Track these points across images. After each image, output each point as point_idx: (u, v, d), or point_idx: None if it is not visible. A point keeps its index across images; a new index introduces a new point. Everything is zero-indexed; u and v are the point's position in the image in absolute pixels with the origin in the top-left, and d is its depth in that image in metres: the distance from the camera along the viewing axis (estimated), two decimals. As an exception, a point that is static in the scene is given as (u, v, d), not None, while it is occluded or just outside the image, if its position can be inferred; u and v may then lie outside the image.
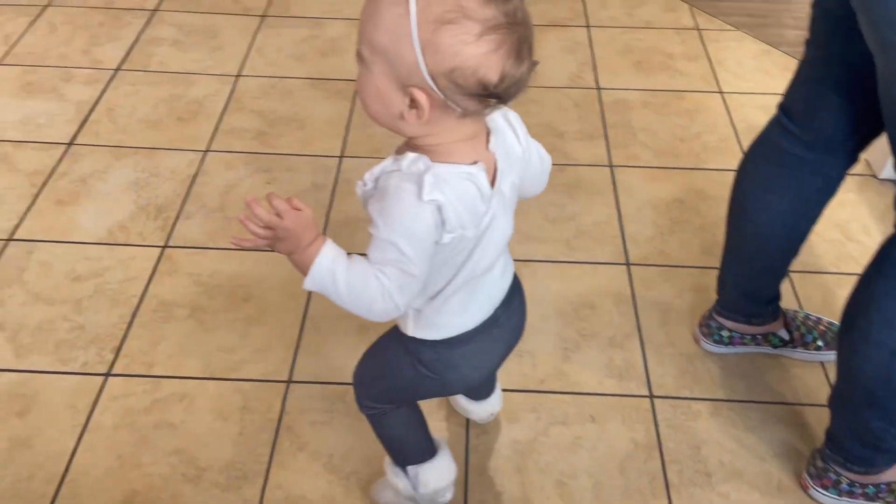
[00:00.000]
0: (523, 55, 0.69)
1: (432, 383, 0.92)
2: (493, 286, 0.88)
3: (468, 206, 0.75)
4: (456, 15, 0.66)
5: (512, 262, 0.92)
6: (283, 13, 2.17)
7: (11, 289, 1.40)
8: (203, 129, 1.77)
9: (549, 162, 0.88)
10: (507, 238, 0.85)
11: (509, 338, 0.96)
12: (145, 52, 2.00)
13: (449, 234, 0.74)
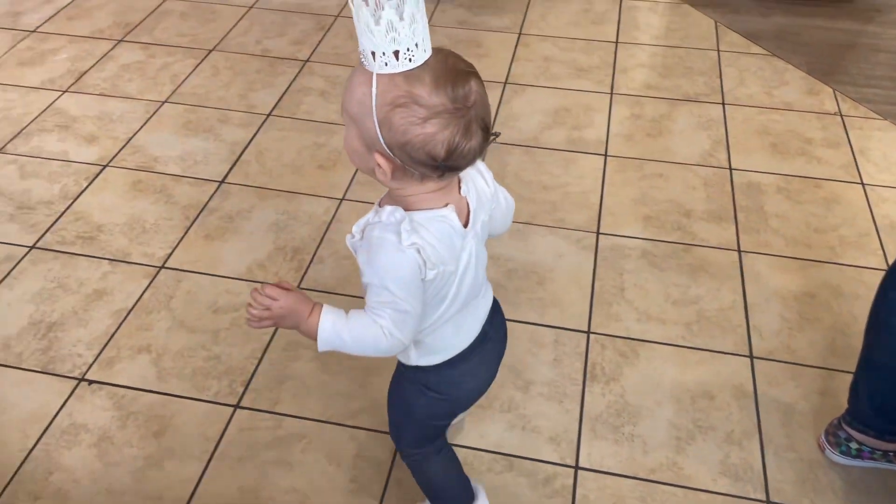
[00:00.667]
0: (472, 133, 0.79)
1: (443, 404, 1.03)
2: (479, 307, 0.99)
3: (446, 243, 0.85)
4: (406, 100, 0.76)
5: (489, 282, 1.02)
6: (422, 71, 2.28)
7: (160, 314, 1.53)
8: (341, 178, 1.88)
9: (512, 203, 0.99)
10: (485, 267, 0.96)
11: (500, 348, 1.07)
12: (295, 100, 2.15)
13: (431, 271, 0.84)
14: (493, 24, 2.52)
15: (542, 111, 2.12)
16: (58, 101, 2.12)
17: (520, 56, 2.36)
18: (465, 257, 0.89)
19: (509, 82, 2.24)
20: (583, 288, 1.59)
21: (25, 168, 1.89)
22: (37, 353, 1.44)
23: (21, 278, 1.59)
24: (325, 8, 2.58)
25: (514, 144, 1.99)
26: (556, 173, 1.90)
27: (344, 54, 2.34)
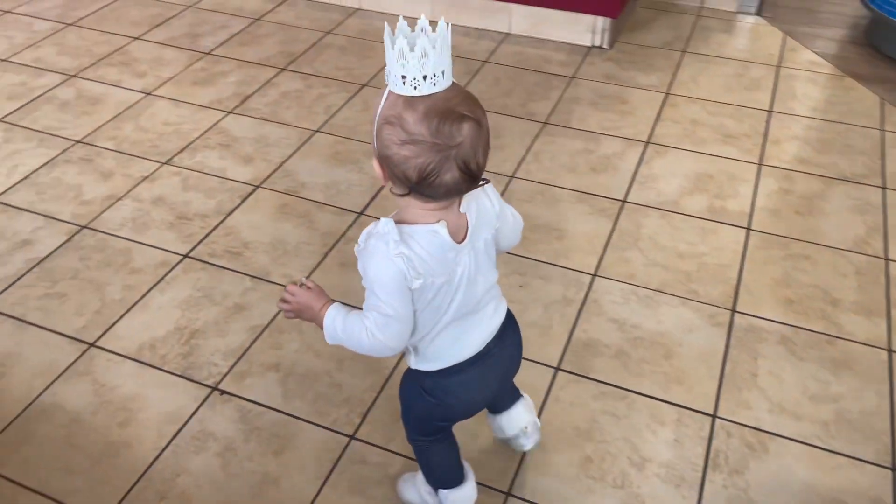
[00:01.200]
0: (446, 169, 0.86)
1: (437, 407, 1.10)
2: (484, 324, 1.05)
3: (437, 256, 0.93)
4: (395, 120, 0.86)
5: (504, 302, 1.09)
6: (564, 123, 2.29)
7: (291, 335, 1.60)
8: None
9: (520, 221, 1.07)
10: (489, 284, 1.03)
11: (504, 367, 1.13)
12: (436, 141, 2.21)
13: (417, 280, 0.92)
14: (640, 80, 2.49)
15: (684, 175, 2.07)
16: (222, 120, 2.29)
17: (665, 116, 2.32)
18: (459, 271, 0.96)
19: (652, 142, 2.20)
20: (712, 368, 1.53)
21: (188, 181, 2.05)
22: (178, 358, 1.55)
23: (173, 284, 1.72)
24: (474, 53, 2.65)
25: (652, 207, 1.95)
26: (693, 242, 1.84)
27: (488, 100, 2.39)
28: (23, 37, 2.74)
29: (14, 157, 2.13)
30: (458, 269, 0.95)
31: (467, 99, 0.88)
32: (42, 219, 1.91)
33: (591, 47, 2.69)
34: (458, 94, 0.87)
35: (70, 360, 1.54)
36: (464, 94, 0.88)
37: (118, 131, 2.24)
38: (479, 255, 0.98)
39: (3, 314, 1.64)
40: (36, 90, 2.43)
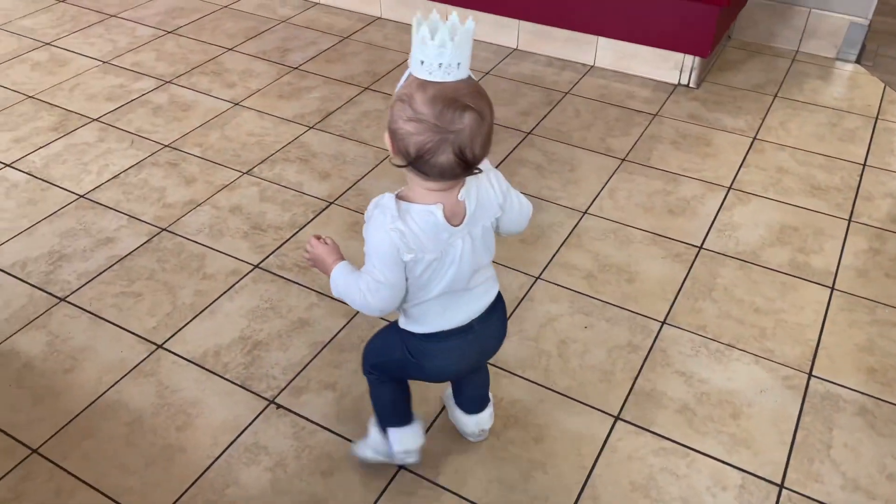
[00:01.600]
0: (442, 151, 0.93)
1: (413, 366, 1.19)
2: (472, 301, 1.13)
3: (429, 234, 1.01)
4: (406, 99, 0.94)
5: (496, 285, 1.17)
6: (643, 161, 2.24)
7: (351, 354, 1.61)
8: (541, 256, 1.88)
9: (528, 208, 1.14)
10: (481, 265, 1.10)
11: (482, 345, 1.21)
12: (510, 169, 2.19)
13: (408, 255, 1.01)
14: (726, 123, 2.42)
15: (766, 226, 1.98)
16: (303, 135, 2.34)
17: (750, 162, 2.23)
18: (453, 252, 1.04)
19: (734, 188, 2.12)
20: (783, 433, 1.45)
21: (265, 192, 2.09)
22: (239, 367, 1.57)
23: (242, 293, 1.76)
24: (556, 84, 2.63)
25: (730, 256, 1.88)
26: (771, 297, 1.76)
27: (566, 132, 2.36)
28: (125, 41, 2.88)
29: (106, 157, 2.23)
30: (450, 250, 1.04)
31: (475, 93, 0.95)
32: (126, 218, 1.98)
33: (676, 85, 2.63)
34: (469, 87, 0.94)
35: (138, 360, 1.58)
36: (474, 88, 0.95)
37: (204, 138, 2.32)
38: (476, 241, 1.06)
39: (82, 308, 1.71)
40: (133, 93, 2.55)
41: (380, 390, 1.30)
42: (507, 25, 2.84)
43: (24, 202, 2.04)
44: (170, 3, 3.18)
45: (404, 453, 1.31)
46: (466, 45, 0.92)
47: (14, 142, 2.28)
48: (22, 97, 2.51)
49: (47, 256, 1.85)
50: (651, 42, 2.59)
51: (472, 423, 1.38)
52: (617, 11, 2.57)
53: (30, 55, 2.77)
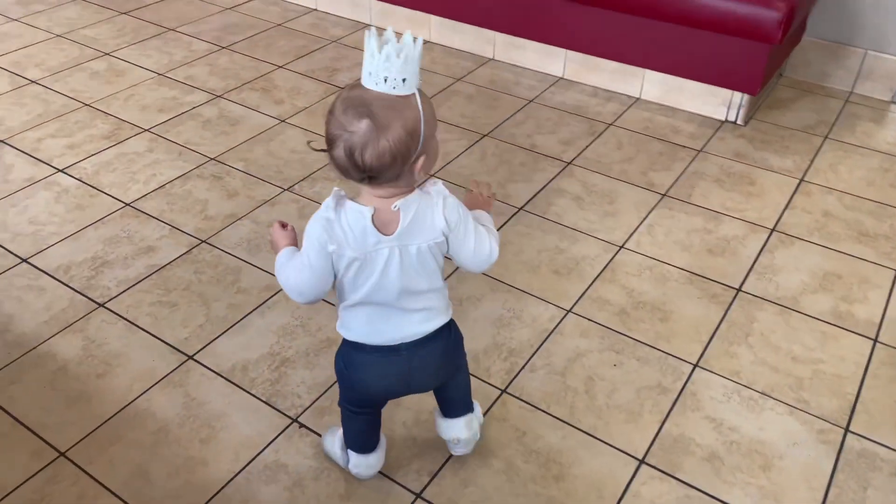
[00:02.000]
0: (335, 146, 1.02)
1: (345, 378, 1.24)
2: (405, 325, 1.16)
3: (355, 233, 1.07)
4: (334, 103, 1.03)
5: (443, 318, 1.20)
6: (684, 197, 2.20)
7: (375, 379, 1.61)
8: (573, 288, 1.86)
9: (486, 255, 1.17)
10: (417, 290, 1.13)
11: (412, 374, 1.21)
12: (547, 199, 2.18)
13: (331, 245, 1.08)
14: (773, 163, 2.37)
15: (809, 271, 1.93)
16: (345, 154, 2.38)
17: (796, 204, 2.18)
18: (378, 259, 1.08)
19: (777, 230, 2.07)
20: (814, 490, 1.39)
21: (304, 209, 2.12)
22: (266, 384, 1.59)
23: (274, 309, 1.78)
24: (600, 114, 2.62)
25: (769, 300, 1.83)
26: (810, 346, 1.71)
27: (607, 164, 2.34)
28: (181, 55, 2.97)
29: (154, 167, 2.29)
30: (376, 257, 1.08)
31: (390, 107, 0.99)
32: (168, 228, 2.03)
33: (724, 122, 2.59)
34: (390, 101, 0.99)
35: (169, 370, 1.61)
36: (393, 103, 0.99)
37: (249, 153, 2.37)
38: (408, 258, 1.10)
39: (119, 315, 1.75)
40: (184, 105, 2.62)
41: (347, 422, 1.34)
42: (554, 54, 2.85)
43: (72, 207, 2.10)
44: (226, 19, 3.27)
45: (356, 474, 1.38)
46: (413, 63, 0.99)
47: (68, 148, 2.36)
48: (79, 105, 2.60)
49: (90, 262, 1.91)
50: (699, 77, 2.56)
51: (445, 427, 1.39)
52: (665, 45, 2.55)
53: (89, 64, 2.88)
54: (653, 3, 2.43)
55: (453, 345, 1.25)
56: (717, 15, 2.34)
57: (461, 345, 1.30)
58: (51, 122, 2.50)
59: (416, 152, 1.02)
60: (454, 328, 1.25)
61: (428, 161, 1.06)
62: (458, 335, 1.27)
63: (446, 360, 1.25)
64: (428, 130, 1.02)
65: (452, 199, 1.11)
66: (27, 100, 2.62)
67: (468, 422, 1.39)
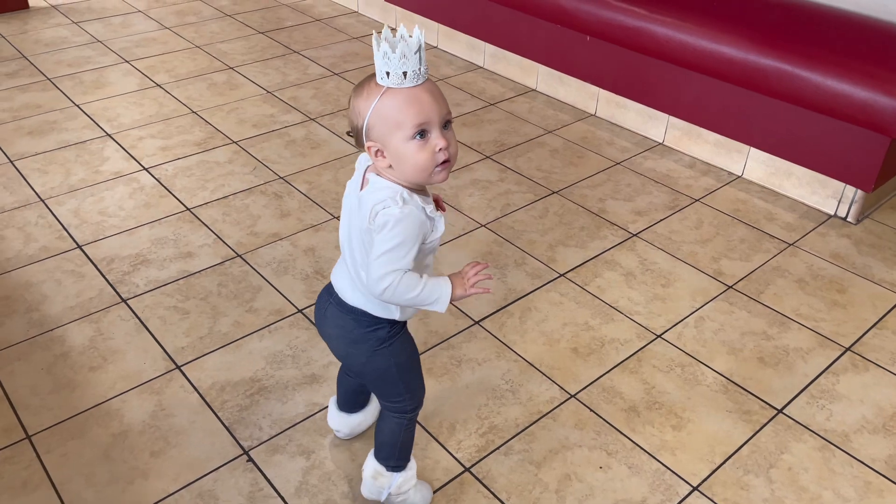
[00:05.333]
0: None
1: None
2: (342, 276, 1.20)
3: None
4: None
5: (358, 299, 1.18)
6: (753, 294, 1.95)
7: (339, 426, 1.55)
8: (587, 372, 1.69)
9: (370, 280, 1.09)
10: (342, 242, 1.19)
11: (323, 320, 1.25)
12: (594, 270, 2.02)
13: None
14: (875, 272, 2.04)
15: (875, 406, 1.62)
16: (405, 192, 2.35)
17: (888, 324, 1.86)
18: (345, 199, 1.17)
19: (853, 350, 1.77)
20: None
21: (343, 240, 2.12)
22: (235, 409, 1.58)
23: (274, 334, 1.78)
24: (690, 188, 2.41)
25: (812, 430, 1.56)
26: (846, 495, 1.43)
27: (677, 242, 2.13)
28: (295, 76, 3.12)
29: (227, 178, 2.40)
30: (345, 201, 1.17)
31: (361, 87, 1.08)
32: (213, 238, 2.11)
33: (831, 216, 2.29)
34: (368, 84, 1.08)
35: (154, 375, 1.65)
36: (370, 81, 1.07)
37: (317, 177, 2.41)
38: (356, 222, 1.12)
39: (135, 313, 1.83)
40: (277, 124, 2.73)
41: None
42: (656, 118, 2.67)
43: (140, 204, 2.25)
44: (349, 48, 3.40)
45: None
46: (422, 54, 1.05)
47: (161, 149, 2.54)
48: (187, 111, 2.80)
49: (133, 258, 2.02)
50: (806, 163, 2.28)
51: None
52: (772, 122, 2.30)
53: (212, 75, 3.10)
54: (759, 76, 2.20)
55: (358, 338, 1.19)
56: (830, 98, 2.07)
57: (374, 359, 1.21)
58: (157, 123, 2.70)
59: (363, 131, 1.07)
60: (379, 335, 1.19)
61: (395, 162, 1.07)
62: (375, 343, 1.19)
63: (344, 341, 1.23)
64: (381, 125, 1.05)
65: (393, 209, 1.05)
66: (146, 101, 2.86)
67: (373, 473, 1.34)
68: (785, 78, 2.16)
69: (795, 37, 2.21)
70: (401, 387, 1.24)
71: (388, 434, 1.29)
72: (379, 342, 1.19)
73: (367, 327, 1.18)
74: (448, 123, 1.08)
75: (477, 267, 1.15)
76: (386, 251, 1.05)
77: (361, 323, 1.18)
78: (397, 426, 1.28)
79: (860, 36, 2.20)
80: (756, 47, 2.22)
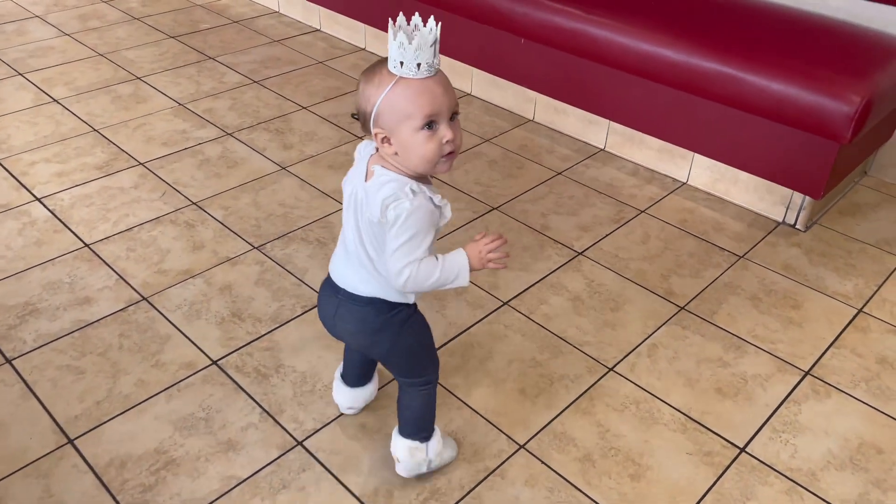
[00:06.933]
0: None
1: None
2: (348, 272, 1.20)
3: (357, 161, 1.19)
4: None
5: (373, 290, 1.18)
6: (706, 315, 1.84)
7: (264, 502, 1.36)
8: (537, 416, 1.55)
9: (391, 272, 1.11)
10: (353, 241, 1.17)
11: (335, 319, 1.24)
12: (540, 297, 1.88)
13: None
14: (828, 283, 1.96)
15: (841, 437, 1.53)
16: (333, 214, 2.16)
17: (845, 342, 1.77)
18: (346, 193, 1.18)
19: (813, 373, 1.68)
20: None
21: (265, 274, 1.92)
22: (136, 489, 1.37)
23: (184, 393, 1.57)
24: (634, 198, 2.29)
25: (778, 471, 1.45)
26: (816, 547, 1.32)
27: (624, 260, 2.01)
28: (210, 85, 2.87)
29: (131, 206, 2.15)
30: (346, 187, 1.18)
31: (371, 73, 1.09)
32: (115, 279, 1.87)
33: (779, 223, 2.20)
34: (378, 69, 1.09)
35: (42, 453, 1.42)
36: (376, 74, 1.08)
37: (234, 202, 2.19)
38: (362, 214, 1.13)
39: (20, 376, 1.59)
40: (190, 141, 2.49)
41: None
42: (597, 123, 2.54)
43: (31, 243, 1.99)
44: (270, 52, 3.17)
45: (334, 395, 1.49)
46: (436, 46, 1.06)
47: (56, 175, 2.27)
48: (87, 129, 2.53)
49: (21, 308, 1.77)
50: (753, 170, 2.18)
51: (392, 440, 1.40)
52: (715, 128, 2.20)
53: (117, 87, 2.82)
54: (699, 79, 2.09)
55: (380, 326, 1.21)
56: (775, 102, 1.97)
57: (397, 342, 1.24)
58: (53, 145, 2.43)
59: (371, 117, 1.08)
60: (398, 317, 1.21)
61: (402, 150, 1.09)
62: (396, 326, 1.22)
63: (367, 333, 1.23)
64: (390, 114, 1.06)
65: (404, 202, 1.07)
66: (41, 119, 2.58)
67: (411, 449, 1.35)
68: (727, 81, 2.05)
69: (738, 38, 2.10)
70: (426, 360, 1.30)
71: (417, 408, 1.33)
72: (401, 324, 1.22)
73: (387, 313, 1.21)
74: (455, 115, 1.10)
75: (491, 239, 1.15)
76: (401, 245, 1.09)
77: (381, 310, 1.20)
78: (427, 397, 1.33)
79: (807, 36, 2.11)
80: (696, 50, 2.10)
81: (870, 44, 2.08)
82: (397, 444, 1.36)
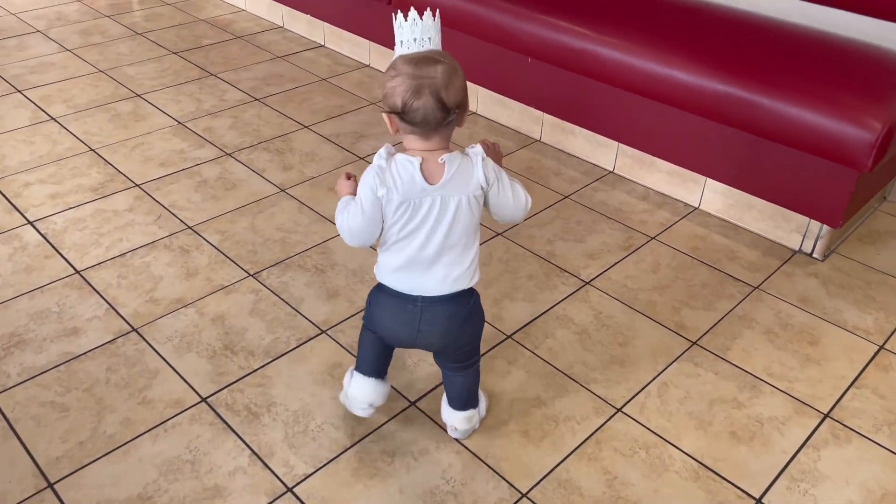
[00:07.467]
0: (421, 95, 1.14)
1: (368, 308, 1.38)
2: (425, 279, 1.25)
3: (404, 179, 1.18)
4: (392, 67, 1.18)
5: (462, 284, 1.27)
6: (719, 351, 1.75)
7: None
8: (540, 461, 1.47)
9: (523, 200, 1.29)
10: (452, 240, 1.23)
11: (419, 326, 1.29)
12: (545, 330, 1.80)
13: (381, 189, 1.19)
14: (848, 317, 1.87)
15: (863, 487, 1.44)
16: (331, 240, 2.09)
17: (866, 382, 1.69)
18: (424, 208, 1.19)
19: (832, 416, 1.59)
20: None
21: (259, 304, 1.85)
22: (116, 540, 1.30)
23: (171, 433, 1.50)
24: (645, 224, 2.21)
25: (795, 526, 1.36)
26: None
27: (633, 291, 1.93)
28: (211, 103, 2.82)
29: (125, 230, 2.09)
30: (421, 205, 1.19)
31: (445, 54, 1.17)
32: (105, 308, 1.81)
33: (796, 252, 2.12)
34: (440, 52, 1.17)
35: (19, 499, 1.35)
36: (444, 54, 1.17)
37: (230, 226, 2.13)
38: (449, 210, 1.20)
39: (2, 413, 1.52)
40: (188, 161, 2.44)
41: (362, 336, 1.44)
42: (606, 144, 2.47)
43: (20, 269, 1.93)
44: (272, 68, 3.11)
45: (352, 399, 1.45)
46: (433, 28, 1.17)
47: (50, 197, 2.22)
48: (84, 149, 2.48)
49: (6, 339, 1.71)
50: (767, 196, 2.10)
51: (447, 414, 1.47)
52: (728, 152, 2.12)
53: (116, 105, 2.77)
54: (712, 103, 2.01)
55: (467, 315, 1.31)
56: (792, 128, 1.89)
57: (477, 324, 1.36)
58: (48, 165, 2.38)
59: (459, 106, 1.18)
60: (475, 301, 1.33)
61: (464, 115, 1.20)
62: (477, 309, 1.33)
63: (456, 326, 1.30)
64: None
65: (489, 159, 1.23)
66: (38, 138, 2.53)
67: (469, 417, 1.46)
68: (741, 105, 1.97)
69: (752, 60, 2.02)
70: (479, 338, 1.41)
71: (474, 381, 1.45)
72: (478, 306, 1.34)
73: (470, 297, 1.31)
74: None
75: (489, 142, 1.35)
76: (513, 184, 1.27)
77: (468, 296, 1.30)
78: (478, 371, 1.45)
79: (824, 58, 2.03)
80: (709, 72, 2.02)
81: (891, 66, 2.00)
82: (454, 417, 1.46)
